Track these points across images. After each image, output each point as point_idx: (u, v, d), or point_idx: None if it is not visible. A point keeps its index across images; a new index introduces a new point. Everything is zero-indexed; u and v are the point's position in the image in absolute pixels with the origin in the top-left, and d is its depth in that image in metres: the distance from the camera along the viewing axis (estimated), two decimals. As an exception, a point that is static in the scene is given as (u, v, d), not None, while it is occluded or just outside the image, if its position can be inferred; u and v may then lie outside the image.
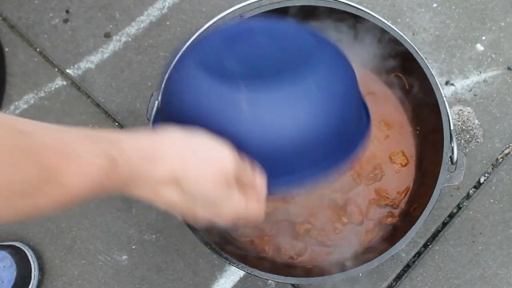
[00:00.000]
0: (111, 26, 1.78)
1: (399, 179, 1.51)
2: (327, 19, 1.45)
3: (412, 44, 1.37)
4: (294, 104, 0.89)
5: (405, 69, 1.46)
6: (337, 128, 0.94)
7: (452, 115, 1.64)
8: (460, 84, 1.70)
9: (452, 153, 1.31)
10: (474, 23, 1.74)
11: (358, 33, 1.47)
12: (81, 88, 1.74)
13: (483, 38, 1.73)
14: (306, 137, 0.90)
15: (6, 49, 1.77)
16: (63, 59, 1.76)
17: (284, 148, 0.90)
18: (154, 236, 1.63)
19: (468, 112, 1.67)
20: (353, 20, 1.41)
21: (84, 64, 1.76)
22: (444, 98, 1.33)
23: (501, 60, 1.71)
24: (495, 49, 1.72)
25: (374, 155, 1.53)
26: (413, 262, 1.59)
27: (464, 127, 1.66)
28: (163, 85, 1.06)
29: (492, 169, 1.64)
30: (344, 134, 0.97)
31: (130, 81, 1.74)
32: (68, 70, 1.75)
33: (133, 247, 1.63)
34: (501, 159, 1.64)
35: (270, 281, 1.58)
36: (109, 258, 1.62)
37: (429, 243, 1.60)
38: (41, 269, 1.60)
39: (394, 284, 1.58)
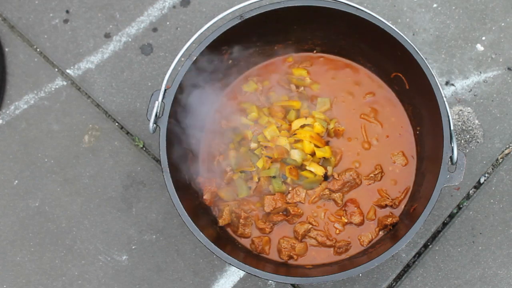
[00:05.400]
0: (111, 26, 1.78)
1: (399, 179, 1.51)
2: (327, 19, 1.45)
3: (412, 44, 1.37)
4: None
5: (405, 69, 1.46)
6: None
7: (452, 115, 1.64)
8: (460, 84, 1.70)
9: (452, 153, 1.31)
10: (474, 23, 1.74)
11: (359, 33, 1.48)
12: (81, 88, 1.74)
13: (483, 38, 1.73)
14: None
15: (6, 49, 1.77)
16: (63, 59, 1.76)
17: None
18: (154, 236, 1.63)
19: (468, 112, 1.67)
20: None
21: (84, 64, 1.76)
22: (444, 98, 1.33)
23: (501, 60, 1.71)
24: (495, 49, 1.72)
25: (374, 155, 1.53)
26: (413, 262, 1.59)
27: (464, 127, 1.66)
28: None
29: (492, 169, 1.64)
30: None
31: (130, 81, 1.74)
32: (68, 70, 1.76)
33: (133, 247, 1.63)
34: (501, 159, 1.65)
35: (270, 281, 1.58)
36: (109, 258, 1.62)
37: (429, 243, 1.60)
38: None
39: (394, 284, 1.58)
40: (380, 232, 1.48)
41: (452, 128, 1.31)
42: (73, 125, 1.71)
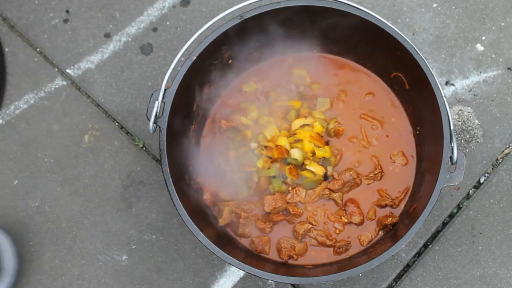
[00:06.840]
0: (111, 26, 1.78)
1: (399, 179, 1.51)
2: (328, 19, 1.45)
3: (412, 44, 1.37)
4: None
5: (405, 69, 1.46)
6: None
7: (452, 115, 1.65)
8: (460, 84, 1.70)
9: (452, 153, 1.31)
10: (474, 23, 1.74)
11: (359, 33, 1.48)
12: (81, 88, 1.74)
13: (483, 38, 1.73)
14: None
15: (6, 49, 1.77)
16: (63, 59, 1.76)
17: None
18: (154, 236, 1.63)
19: (468, 112, 1.67)
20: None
21: (84, 64, 1.76)
22: (444, 98, 1.33)
23: (501, 60, 1.71)
24: (495, 49, 1.72)
25: (374, 155, 1.53)
26: (413, 262, 1.59)
27: (464, 127, 1.66)
28: None
29: (492, 169, 1.64)
30: None
31: (130, 81, 1.74)
32: (68, 70, 1.75)
33: (133, 247, 1.63)
34: (501, 159, 1.65)
35: (270, 281, 1.58)
36: (109, 258, 1.62)
37: (429, 243, 1.60)
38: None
39: (394, 284, 1.58)
40: (380, 232, 1.48)
41: (452, 128, 1.32)
42: (73, 125, 1.71)
